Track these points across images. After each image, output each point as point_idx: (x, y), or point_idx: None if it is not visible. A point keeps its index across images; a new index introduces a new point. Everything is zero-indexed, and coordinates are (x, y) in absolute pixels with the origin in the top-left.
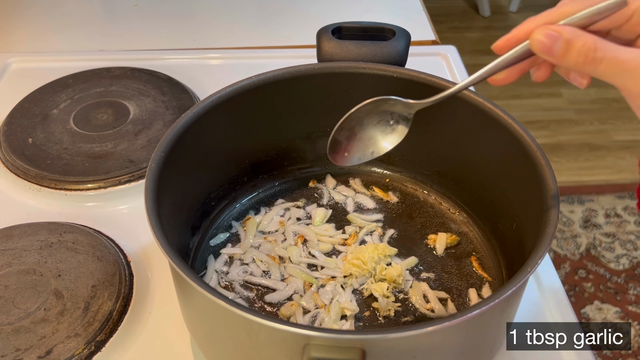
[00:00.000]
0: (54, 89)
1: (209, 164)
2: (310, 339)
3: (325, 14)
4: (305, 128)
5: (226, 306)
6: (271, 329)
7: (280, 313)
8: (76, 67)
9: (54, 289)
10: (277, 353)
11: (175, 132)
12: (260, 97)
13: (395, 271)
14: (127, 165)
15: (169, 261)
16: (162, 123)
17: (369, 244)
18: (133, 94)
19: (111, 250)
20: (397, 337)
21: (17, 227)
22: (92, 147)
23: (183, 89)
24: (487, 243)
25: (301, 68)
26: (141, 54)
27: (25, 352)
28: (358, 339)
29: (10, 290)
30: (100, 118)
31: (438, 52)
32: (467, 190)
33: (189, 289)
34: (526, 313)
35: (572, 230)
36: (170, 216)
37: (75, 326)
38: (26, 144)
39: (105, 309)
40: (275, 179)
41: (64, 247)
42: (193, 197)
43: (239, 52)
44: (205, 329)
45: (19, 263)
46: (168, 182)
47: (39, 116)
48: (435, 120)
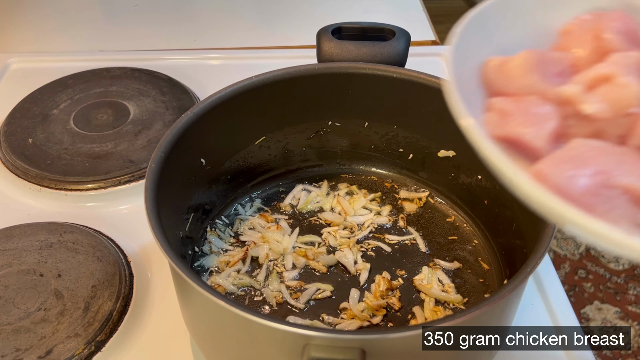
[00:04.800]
0: (54, 89)
1: (209, 164)
2: (310, 339)
3: (325, 14)
4: (306, 128)
5: (226, 306)
6: (271, 329)
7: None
8: (76, 67)
9: (54, 289)
10: (276, 353)
11: (175, 133)
12: (260, 97)
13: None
14: (127, 166)
15: (168, 261)
16: (162, 123)
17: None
18: (133, 94)
19: (111, 250)
20: (397, 337)
21: (17, 227)
22: (92, 147)
23: (183, 89)
24: (487, 243)
25: (301, 68)
26: (141, 54)
27: (25, 352)
28: (358, 339)
29: (10, 290)
30: (101, 118)
31: (438, 52)
32: (466, 190)
33: (189, 289)
34: (526, 313)
35: None
36: (171, 216)
37: (75, 326)
38: (26, 144)
39: (105, 309)
40: (276, 179)
41: (64, 247)
42: (193, 197)
43: (239, 53)
44: (205, 329)
45: (19, 263)
46: (168, 182)
47: (39, 116)
48: (434, 118)
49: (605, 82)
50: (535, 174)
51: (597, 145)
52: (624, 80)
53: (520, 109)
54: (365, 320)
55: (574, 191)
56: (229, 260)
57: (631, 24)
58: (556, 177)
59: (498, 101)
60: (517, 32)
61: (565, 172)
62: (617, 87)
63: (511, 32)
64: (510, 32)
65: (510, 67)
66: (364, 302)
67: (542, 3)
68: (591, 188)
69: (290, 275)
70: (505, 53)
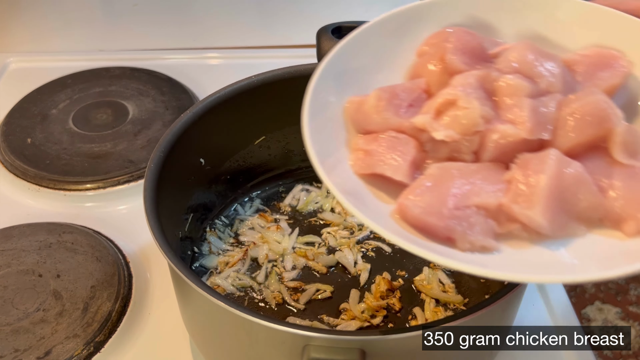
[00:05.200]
0: (53, 89)
1: (209, 163)
2: (310, 339)
3: (325, 14)
4: None
5: (225, 307)
6: (271, 329)
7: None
8: (75, 67)
9: (53, 290)
10: (276, 354)
11: (175, 132)
12: (260, 97)
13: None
14: (127, 166)
15: (168, 262)
16: (162, 123)
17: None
18: (132, 94)
19: (110, 250)
20: (397, 338)
21: (16, 227)
22: (91, 147)
23: (182, 89)
24: None
25: (301, 68)
26: (140, 54)
27: (24, 352)
28: (358, 339)
29: (9, 290)
30: (100, 118)
31: None
32: None
33: (188, 289)
34: (527, 313)
35: None
36: (170, 216)
37: (74, 327)
38: (25, 144)
39: (104, 309)
40: (276, 179)
41: (63, 247)
42: (192, 197)
43: (239, 52)
44: (205, 330)
45: (18, 263)
46: (167, 182)
47: (38, 116)
48: None
49: (450, 106)
50: (398, 209)
51: (452, 167)
52: (466, 103)
53: (380, 145)
54: (366, 321)
55: (433, 219)
56: (229, 261)
57: (473, 41)
58: (416, 209)
59: (361, 141)
60: (375, 65)
61: (423, 203)
62: (460, 110)
63: (371, 67)
64: (370, 67)
65: (366, 108)
66: (364, 302)
67: (393, 33)
68: (449, 212)
69: (290, 275)
70: (367, 90)
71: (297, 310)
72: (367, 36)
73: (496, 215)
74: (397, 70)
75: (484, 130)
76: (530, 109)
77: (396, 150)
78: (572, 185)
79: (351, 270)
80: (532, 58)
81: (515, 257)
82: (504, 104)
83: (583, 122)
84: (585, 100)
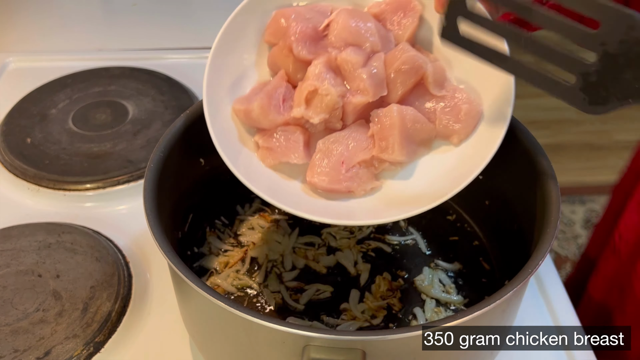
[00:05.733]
0: (52, 88)
1: (208, 163)
2: (310, 340)
3: None
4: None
5: (225, 307)
6: (270, 330)
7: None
8: (75, 66)
9: (53, 290)
10: (276, 354)
11: (175, 132)
12: None
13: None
14: (126, 165)
15: (167, 262)
16: (161, 123)
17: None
18: (132, 94)
19: (110, 250)
20: (397, 338)
21: (16, 227)
22: (90, 147)
23: (182, 88)
24: (488, 244)
25: None
26: (140, 54)
27: (24, 353)
28: (358, 340)
29: (8, 291)
30: (99, 118)
31: None
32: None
33: (188, 290)
34: (527, 314)
35: (574, 230)
36: (170, 216)
37: (73, 327)
38: (24, 144)
39: (104, 309)
40: None
41: (62, 247)
42: (192, 197)
43: None
44: (204, 330)
45: (17, 264)
46: (167, 182)
47: (37, 116)
48: None
49: (314, 94)
50: (309, 184)
51: (331, 140)
52: (324, 91)
53: (278, 140)
54: (366, 321)
55: (335, 185)
56: (228, 261)
57: (308, 28)
58: (323, 182)
59: (261, 140)
60: (245, 51)
61: (325, 176)
62: (322, 96)
63: (242, 52)
64: (242, 53)
65: (254, 115)
66: (365, 303)
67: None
68: (344, 176)
69: (290, 275)
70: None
71: (297, 310)
72: (232, 30)
73: (372, 163)
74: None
75: (343, 104)
76: (368, 76)
77: (290, 141)
78: (412, 124)
79: (351, 271)
80: (354, 25)
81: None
82: (349, 76)
83: (405, 74)
84: (402, 58)
